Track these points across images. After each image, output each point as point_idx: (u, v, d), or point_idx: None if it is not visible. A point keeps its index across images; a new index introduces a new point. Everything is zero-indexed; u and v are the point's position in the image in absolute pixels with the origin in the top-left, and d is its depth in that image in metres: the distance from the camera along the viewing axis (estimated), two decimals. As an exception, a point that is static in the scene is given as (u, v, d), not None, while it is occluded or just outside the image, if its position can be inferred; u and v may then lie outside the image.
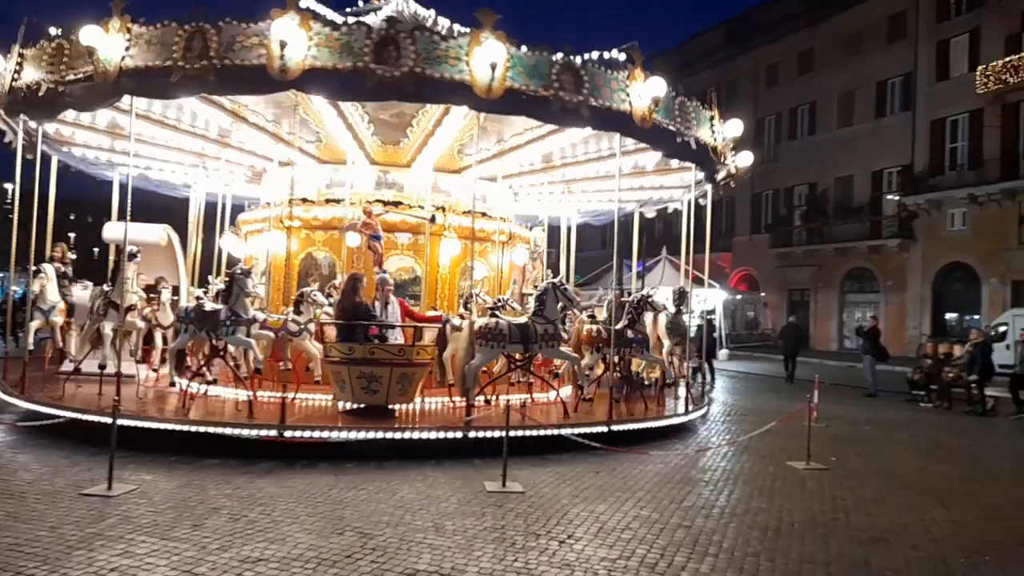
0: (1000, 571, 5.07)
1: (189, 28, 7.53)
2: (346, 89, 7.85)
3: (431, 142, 10.65)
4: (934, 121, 28.46)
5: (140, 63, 7.64)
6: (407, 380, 8.70)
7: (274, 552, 4.89)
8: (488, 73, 7.63)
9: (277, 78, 7.48)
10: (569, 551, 5.15)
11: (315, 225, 11.06)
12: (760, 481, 7.59)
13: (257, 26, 7.49)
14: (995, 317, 23.82)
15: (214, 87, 7.96)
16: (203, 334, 9.02)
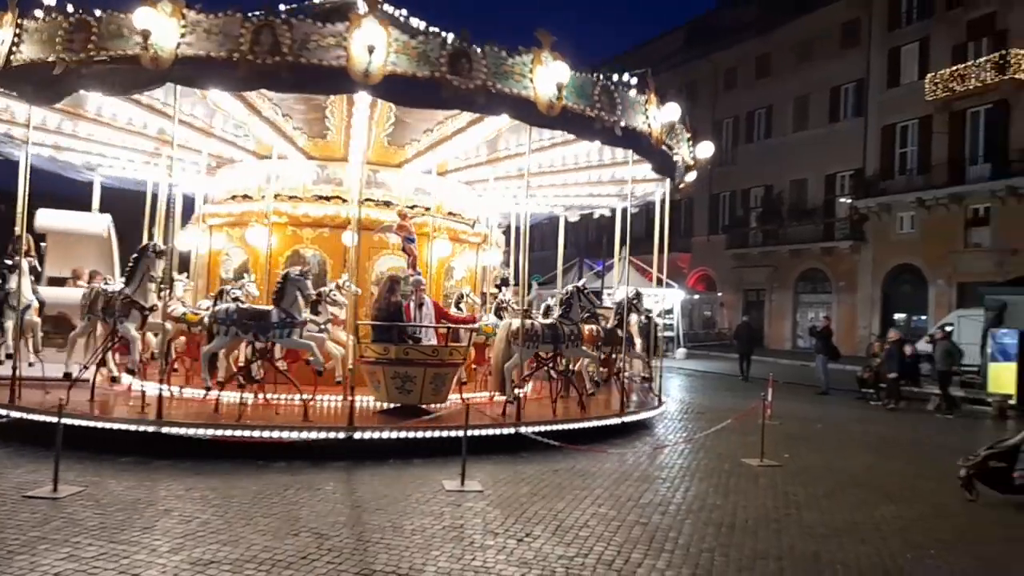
0: (944, 565, 5.23)
1: (256, 21, 7.37)
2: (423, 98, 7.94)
3: (353, 134, 10.18)
4: (885, 127, 29.26)
5: (199, 52, 7.34)
6: (440, 380, 8.87)
7: (227, 554, 4.79)
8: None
9: (359, 81, 7.45)
10: (527, 549, 5.16)
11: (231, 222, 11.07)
12: (715, 478, 7.71)
13: (335, 27, 7.41)
14: (941, 318, 24.58)
15: (286, 84, 7.80)
16: (248, 336, 8.56)
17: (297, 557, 4.79)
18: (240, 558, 4.73)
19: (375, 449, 7.75)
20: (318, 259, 10.83)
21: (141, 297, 8.51)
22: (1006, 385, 14.22)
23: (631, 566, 4.93)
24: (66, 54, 7.50)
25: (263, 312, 8.58)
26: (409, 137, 10.86)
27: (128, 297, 8.50)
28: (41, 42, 7.72)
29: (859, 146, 30.24)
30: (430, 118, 10.02)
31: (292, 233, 10.87)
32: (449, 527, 5.57)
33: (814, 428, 11.52)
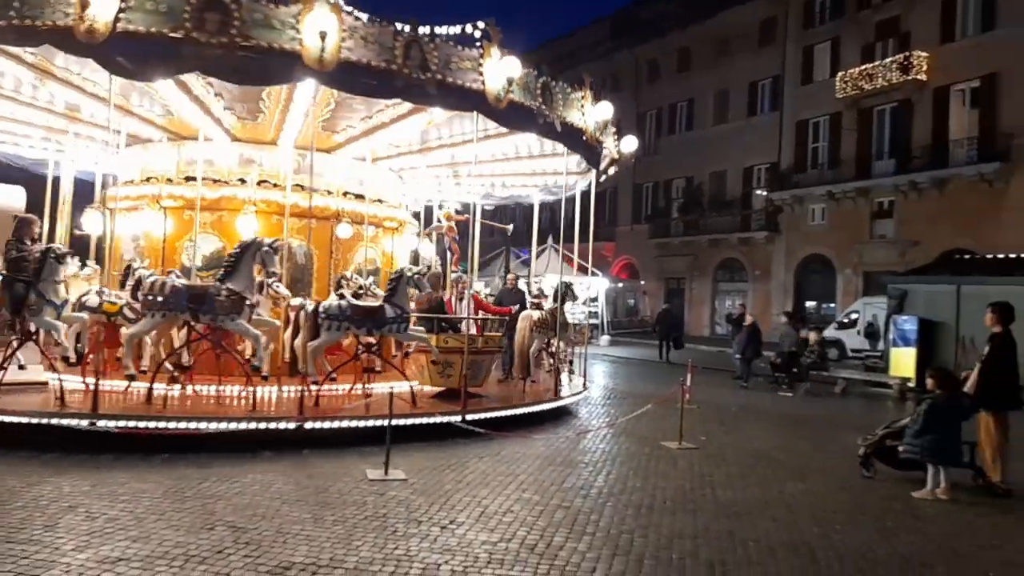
0: (848, 538, 5.52)
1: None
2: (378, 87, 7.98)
3: (288, 118, 10.01)
4: (799, 122, 30.44)
5: (141, 28, 6.93)
6: (476, 366, 9.60)
7: (137, 551, 4.60)
8: (319, 43, 7.19)
9: (313, 68, 7.30)
10: (451, 536, 5.16)
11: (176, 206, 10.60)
12: (636, 461, 7.90)
13: (288, 8, 7.27)
14: (848, 305, 25.86)
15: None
16: (361, 331, 8.79)
17: (212, 552, 4.64)
18: (151, 554, 4.56)
19: (297, 440, 7.59)
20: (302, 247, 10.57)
21: (248, 292, 8.20)
22: (906, 369, 15.10)
23: (553, 549, 5.00)
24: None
25: (378, 308, 8.81)
26: (344, 123, 10.54)
27: (235, 292, 8.04)
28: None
29: (775, 140, 31.38)
30: (372, 105, 9.73)
31: (217, 218, 10.48)
32: (372, 516, 5.51)
33: (730, 412, 11.95)
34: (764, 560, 4.95)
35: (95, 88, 9.26)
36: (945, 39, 25.26)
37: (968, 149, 24.31)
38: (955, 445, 6.95)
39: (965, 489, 6.97)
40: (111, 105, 8.47)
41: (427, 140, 11.85)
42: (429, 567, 4.56)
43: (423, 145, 12.00)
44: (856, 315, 23.47)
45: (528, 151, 11.91)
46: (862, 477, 7.40)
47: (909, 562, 5.03)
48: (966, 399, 7.06)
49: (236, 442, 7.36)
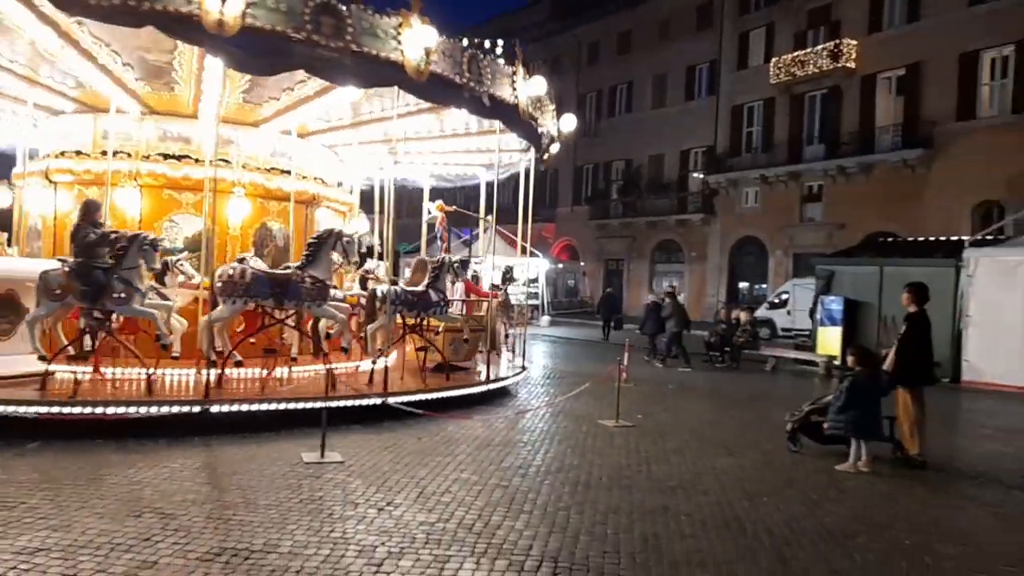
0: (776, 510, 5.72)
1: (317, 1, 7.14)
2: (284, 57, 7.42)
3: (204, 89, 9.43)
4: (734, 107, 31.09)
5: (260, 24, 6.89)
6: (473, 343, 10.94)
7: (58, 540, 4.42)
8: (217, 6, 6.73)
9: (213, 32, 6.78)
10: (388, 518, 5.13)
11: (87, 180, 10.09)
12: (574, 440, 8.00)
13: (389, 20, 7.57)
14: (780, 286, 26.68)
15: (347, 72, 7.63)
16: (411, 313, 9.72)
17: (139, 540, 4.50)
18: (73, 544, 4.39)
19: (230, 424, 7.41)
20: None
21: (328, 279, 8.71)
22: (832, 347, 15.68)
23: (491, 528, 5.02)
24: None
25: (423, 293, 9.78)
26: (267, 95, 10.18)
27: (318, 279, 8.48)
28: None
29: (711, 124, 31.99)
30: (290, 76, 9.43)
31: (168, 197, 10.09)
32: (307, 500, 5.43)
33: (666, 390, 12.21)
34: (696, 533, 5.09)
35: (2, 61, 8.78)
36: (873, 29, 26.12)
37: (893, 136, 25.29)
38: (875, 420, 7.26)
39: (886, 462, 7.30)
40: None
41: (359, 114, 11.46)
42: (366, 549, 4.52)
43: (355, 119, 11.65)
44: (786, 296, 24.24)
45: (465, 128, 11.68)
46: (789, 452, 7.68)
47: (832, 532, 5.24)
48: (885, 376, 7.38)
49: (162, 427, 7.14)
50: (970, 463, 7.76)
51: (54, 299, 7.68)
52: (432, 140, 12.62)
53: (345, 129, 11.79)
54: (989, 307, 14.00)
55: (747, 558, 4.67)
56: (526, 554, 4.57)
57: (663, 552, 4.71)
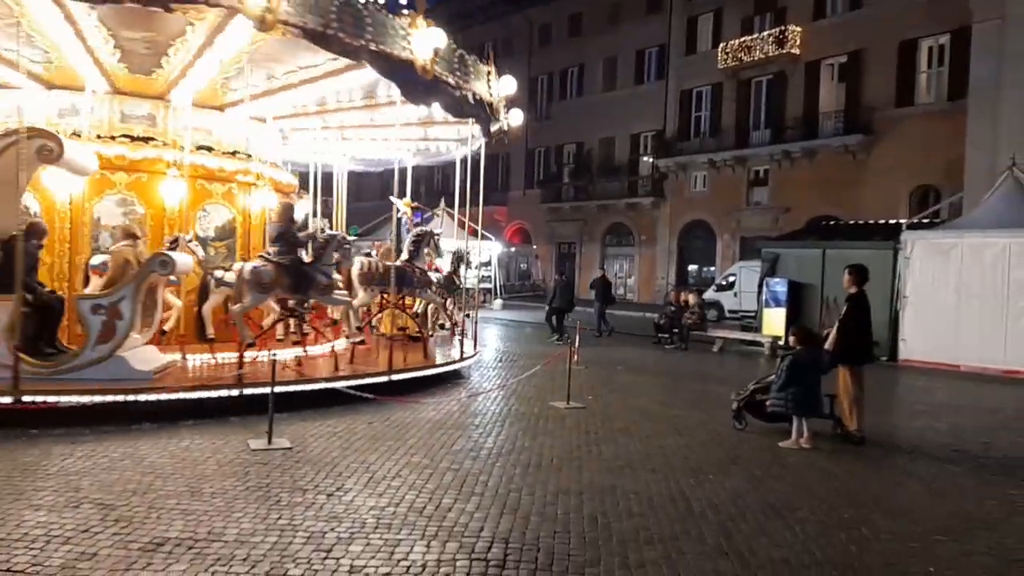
0: (721, 487, 5.85)
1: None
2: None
3: (191, 72, 9.39)
4: (683, 91, 31.41)
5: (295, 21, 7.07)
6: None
7: (-10, 535, 4.26)
8: (262, 3, 6.87)
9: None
10: (337, 503, 5.08)
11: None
12: (525, 422, 8.04)
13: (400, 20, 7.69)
14: (727, 268, 27.21)
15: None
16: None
17: (77, 531, 4.36)
18: (7, 537, 4.23)
19: (172, 411, 7.23)
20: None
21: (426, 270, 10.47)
22: (777, 328, 16.08)
23: (442, 511, 5.02)
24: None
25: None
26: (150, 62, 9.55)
27: (424, 271, 10.67)
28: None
29: (661, 108, 32.27)
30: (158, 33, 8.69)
31: (101, 177, 9.56)
32: (254, 487, 5.34)
33: (615, 371, 12.36)
34: (644, 511, 5.18)
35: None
36: (817, 16, 26.64)
37: (835, 121, 25.91)
38: (815, 398, 7.48)
39: (826, 438, 7.54)
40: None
41: (323, 104, 11.46)
42: (314, 535, 4.48)
43: (319, 107, 11.60)
44: (734, 278, 24.73)
45: (418, 118, 11.66)
46: (734, 430, 7.86)
47: (775, 507, 5.39)
48: (825, 355, 7.60)
49: (106, 416, 6.93)
50: (905, 438, 8.07)
51: (263, 291, 8.79)
52: (389, 128, 12.41)
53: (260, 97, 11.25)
54: (925, 288, 14.52)
55: (693, 534, 4.77)
56: (477, 536, 4.59)
57: (612, 531, 4.78)
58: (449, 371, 10.49)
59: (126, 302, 7.56)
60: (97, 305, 7.52)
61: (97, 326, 7.46)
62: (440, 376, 10.15)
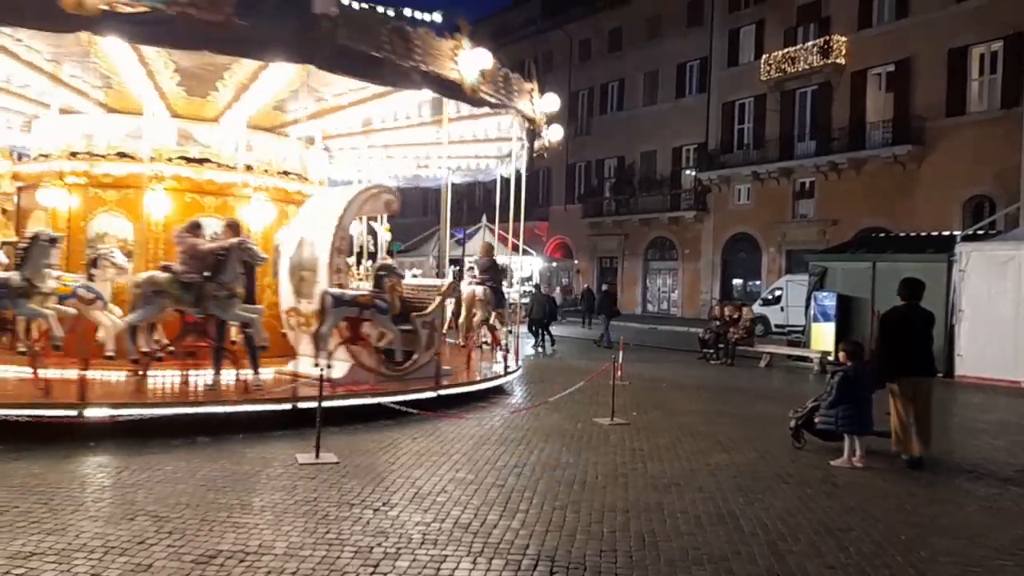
0: (771, 506, 5.73)
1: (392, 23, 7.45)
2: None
3: (245, 97, 9.71)
4: (725, 103, 31.16)
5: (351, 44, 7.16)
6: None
7: (52, 544, 4.39)
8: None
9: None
10: (384, 518, 5.11)
11: (105, 183, 9.95)
12: (569, 438, 7.99)
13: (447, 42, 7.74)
14: (773, 282, 26.76)
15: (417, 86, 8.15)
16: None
17: (133, 543, 4.47)
18: (68, 547, 4.36)
19: (225, 425, 7.38)
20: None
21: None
22: (826, 343, 15.72)
23: (487, 527, 5.01)
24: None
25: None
26: (207, 89, 10.01)
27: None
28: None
29: (703, 121, 32.05)
30: (214, 64, 8.90)
31: (94, 195, 9.89)
32: (302, 501, 5.41)
33: (660, 387, 12.22)
34: (692, 530, 5.09)
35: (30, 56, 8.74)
36: (862, 25, 26.21)
37: (884, 131, 25.38)
38: (866, 415, 7.26)
39: (883, 457, 7.31)
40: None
41: (369, 124, 11.75)
42: (361, 550, 4.51)
43: (366, 127, 11.91)
44: (780, 292, 24.30)
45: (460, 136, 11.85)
46: (786, 447, 7.68)
47: (827, 527, 5.25)
48: (874, 370, 7.38)
49: (160, 429, 7.11)
50: (964, 457, 7.79)
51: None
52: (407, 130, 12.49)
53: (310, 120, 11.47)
54: (981, 302, 14.06)
55: (743, 554, 4.67)
56: (522, 553, 4.57)
57: (659, 550, 4.71)
58: (492, 387, 10.50)
59: (437, 318, 9.74)
60: (425, 321, 9.62)
61: (425, 336, 9.56)
62: (483, 392, 10.16)
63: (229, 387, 8.23)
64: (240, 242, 8.30)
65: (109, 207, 9.93)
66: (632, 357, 14.61)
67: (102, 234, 9.85)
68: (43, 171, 10.06)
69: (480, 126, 11.31)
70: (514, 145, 11.47)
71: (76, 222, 9.77)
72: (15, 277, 7.72)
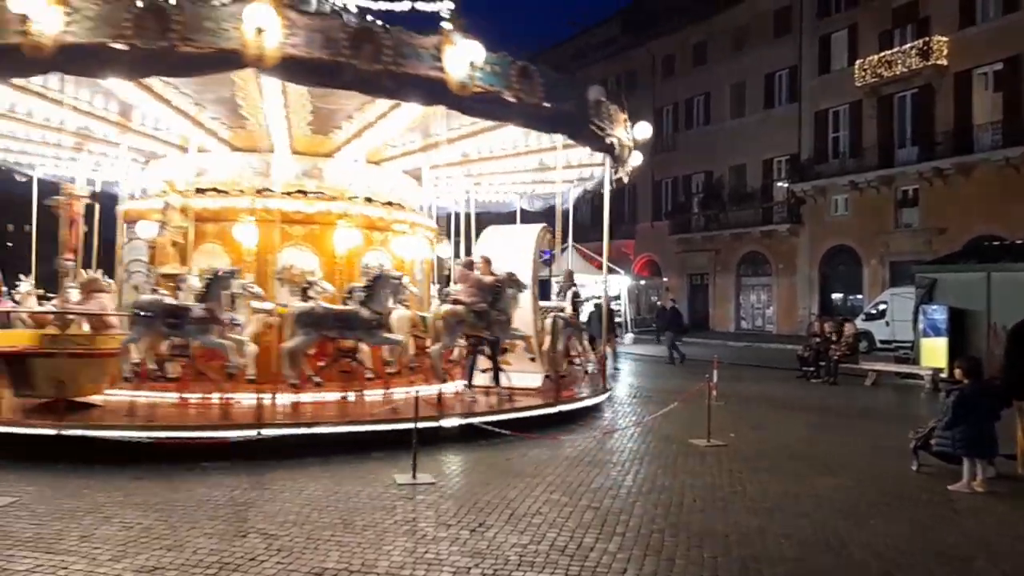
0: (880, 530, 5.44)
1: (143, 5, 7.15)
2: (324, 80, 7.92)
3: (367, 134, 10.45)
4: (818, 112, 30.11)
5: (82, 39, 7.06)
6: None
7: (172, 559, 4.67)
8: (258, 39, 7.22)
9: (253, 64, 7.31)
10: (480, 539, 5.16)
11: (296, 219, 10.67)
12: (664, 460, 7.85)
13: (226, 9, 7.31)
14: (876, 296, 25.51)
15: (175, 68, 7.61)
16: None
17: (245, 559, 4.69)
18: (186, 563, 4.62)
19: (323, 445, 7.65)
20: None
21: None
22: (938, 359, 14.82)
23: (583, 550, 4.98)
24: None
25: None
26: (332, 125, 10.57)
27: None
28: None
29: (794, 131, 31.07)
30: (349, 103, 9.68)
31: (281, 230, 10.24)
32: (401, 521, 5.54)
33: (757, 407, 11.83)
34: (798, 556, 4.90)
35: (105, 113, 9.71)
36: (964, 23, 24.85)
37: (993, 134, 23.88)
38: (988, 436, 6.78)
39: (1010, 480, 6.82)
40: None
41: (428, 137, 11.76)
42: (460, 570, 4.57)
43: (425, 143, 11.98)
44: (884, 306, 23.13)
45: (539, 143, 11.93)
46: (909, 470, 7.26)
47: (946, 556, 4.94)
48: (996, 388, 6.91)
49: (264, 449, 7.44)
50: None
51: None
52: (503, 159, 12.86)
53: (417, 153, 12.09)
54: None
55: (854, 583, 4.45)
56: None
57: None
58: (583, 407, 10.44)
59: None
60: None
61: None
62: (574, 413, 10.11)
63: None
64: (510, 275, 9.98)
65: (296, 241, 10.59)
66: (727, 376, 14.20)
67: (288, 266, 10.50)
68: (224, 207, 10.57)
69: (575, 153, 11.54)
70: (606, 169, 11.52)
71: (263, 255, 10.09)
72: (196, 308, 8.42)
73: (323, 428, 7.79)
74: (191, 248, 10.30)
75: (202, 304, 8.66)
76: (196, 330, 8.58)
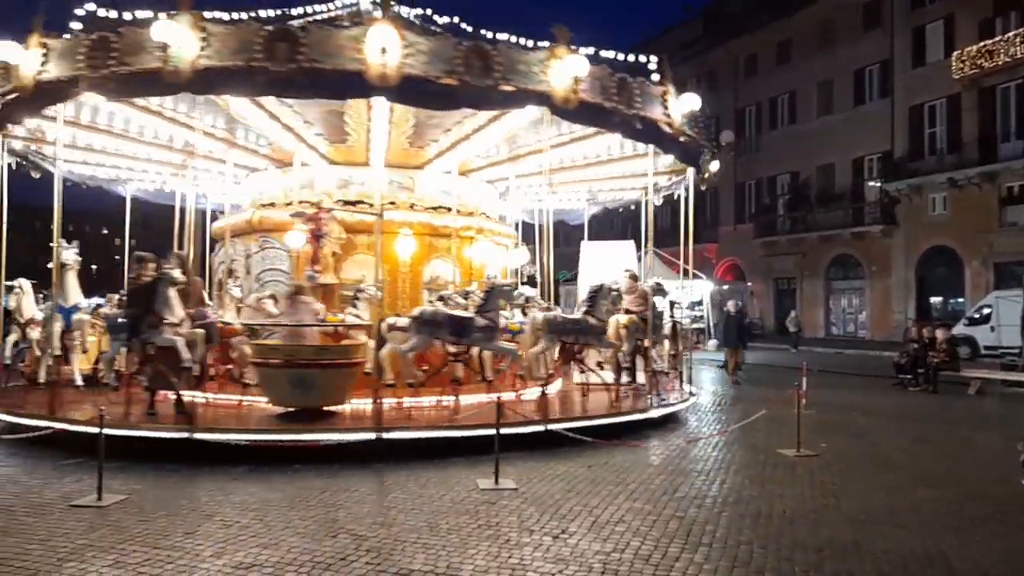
0: (987, 545, 5.13)
1: (272, 30, 7.62)
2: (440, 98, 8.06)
3: (373, 138, 10.35)
4: (912, 107, 28.75)
5: (217, 63, 7.53)
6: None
7: (268, 557, 4.87)
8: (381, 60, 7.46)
9: (376, 85, 7.60)
10: (563, 546, 5.16)
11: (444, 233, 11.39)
12: (751, 469, 7.64)
13: (349, 32, 7.74)
14: (979, 300, 24.09)
15: (303, 90, 7.95)
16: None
17: (336, 559, 4.85)
18: (280, 561, 4.82)
19: (408, 450, 7.82)
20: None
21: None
22: (1049, 366, 13.88)
23: (668, 560, 4.91)
24: (88, 70, 7.74)
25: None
26: (429, 138, 10.92)
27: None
28: (64, 59, 7.96)
29: (886, 128, 29.76)
30: (448, 117, 10.01)
31: (428, 243, 11.17)
32: (484, 525, 5.60)
33: (849, 416, 11.35)
34: (897, 572, 4.68)
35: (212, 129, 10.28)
36: (1077, 6, 23.25)
37: (1111, 123, 22.23)
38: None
39: None
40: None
41: (515, 148, 11.99)
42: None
43: (512, 153, 12.17)
44: (989, 310, 21.83)
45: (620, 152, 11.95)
46: (1019, 483, 6.83)
47: (1063, 576, 4.62)
48: None
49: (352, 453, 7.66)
50: None
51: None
52: (586, 167, 12.93)
53: (504, 163, 12.34)
54: None
55: (959, 602, 4.22)
56: (707, 588, 4.42)
57: (859, 592, 4.37)
58: (664, 415, 10.27)
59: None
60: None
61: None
62: (655, 420, 9.96)
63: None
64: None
65: (440, 254, 11.39)
66: (817, 383, 13.70)
67: (435, 277, 11.33)
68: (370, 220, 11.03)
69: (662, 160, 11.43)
70: (688, 174, 11.56)
71: (415, 267, 11.09)
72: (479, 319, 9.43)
73: (435, 432, 8.09)
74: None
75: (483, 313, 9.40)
76: (483, 338, 9.36)
